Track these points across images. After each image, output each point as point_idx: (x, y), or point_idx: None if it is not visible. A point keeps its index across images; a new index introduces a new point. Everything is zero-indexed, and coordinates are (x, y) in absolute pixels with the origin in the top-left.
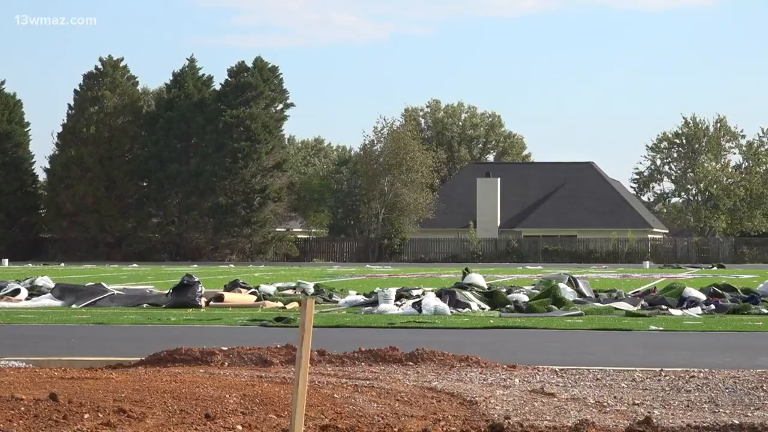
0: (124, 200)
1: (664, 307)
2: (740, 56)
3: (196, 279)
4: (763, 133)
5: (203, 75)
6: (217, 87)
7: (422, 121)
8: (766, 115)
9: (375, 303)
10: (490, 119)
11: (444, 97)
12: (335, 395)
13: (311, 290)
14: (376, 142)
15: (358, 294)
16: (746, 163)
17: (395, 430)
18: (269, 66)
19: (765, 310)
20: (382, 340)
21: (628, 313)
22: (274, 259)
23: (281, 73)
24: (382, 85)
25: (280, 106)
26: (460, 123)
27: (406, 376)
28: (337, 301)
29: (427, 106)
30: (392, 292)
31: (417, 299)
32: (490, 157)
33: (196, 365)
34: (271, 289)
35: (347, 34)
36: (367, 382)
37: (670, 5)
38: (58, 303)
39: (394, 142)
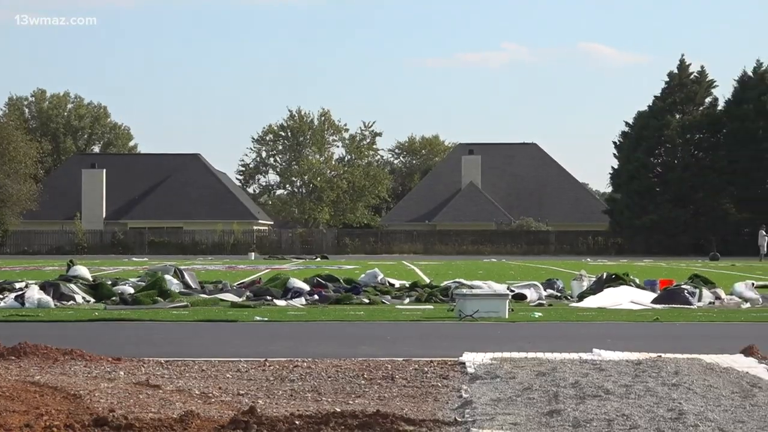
0: None
1: (269, 297)
2: (340, 48)
3: None
4: (365, 126)
5: None
6: None
7: (27, 110)
8: (367, 110)
9: None
10: (96, 110)
11: (49, 87)
12: None
13: None
14: None
15: None
16: (349, 157)
17: None
18: None
19: (366, 300)
20: None
21: (234, 304)
22: None
23: None
24: None
25: None
26: (66, 114)
27: (8, 370)
28: None
29: (32, 96)
30: None
31: (20, 292)
32: (96, 149)
33: None
34: None
35: None
36: None
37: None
38: None
39: None
